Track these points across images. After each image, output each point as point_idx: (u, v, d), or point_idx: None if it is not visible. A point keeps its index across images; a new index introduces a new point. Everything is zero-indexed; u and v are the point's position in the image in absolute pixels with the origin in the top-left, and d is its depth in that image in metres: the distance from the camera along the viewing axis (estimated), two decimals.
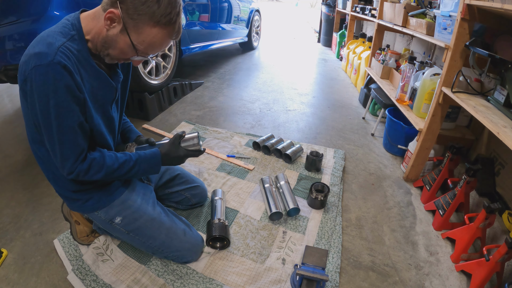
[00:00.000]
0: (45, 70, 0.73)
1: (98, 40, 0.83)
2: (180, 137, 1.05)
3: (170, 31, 0.85)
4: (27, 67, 0.75)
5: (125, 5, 0.78)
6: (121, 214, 1.03)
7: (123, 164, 0.93)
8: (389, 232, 1.40)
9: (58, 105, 0.77)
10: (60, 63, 0.74)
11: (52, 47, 0.75)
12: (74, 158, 0.84)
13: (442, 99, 1.45)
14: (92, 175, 0.89)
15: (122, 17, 0.79)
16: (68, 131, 0.81)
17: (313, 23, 8.62)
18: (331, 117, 2.59)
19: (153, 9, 0.78)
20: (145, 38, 0.83)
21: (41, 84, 0.74)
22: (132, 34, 0.81)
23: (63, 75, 0.75)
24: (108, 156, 0.91)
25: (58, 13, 1.57)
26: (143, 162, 0.97)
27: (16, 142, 1.93)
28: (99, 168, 0.89)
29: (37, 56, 0.74)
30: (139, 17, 0.79)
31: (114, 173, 0.92)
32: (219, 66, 3.92)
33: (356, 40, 3.79)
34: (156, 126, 2.21)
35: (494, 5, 1.08)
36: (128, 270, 1.11)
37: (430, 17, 1.82)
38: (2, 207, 1.39)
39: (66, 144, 0.82)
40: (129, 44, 0.83)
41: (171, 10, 0.81)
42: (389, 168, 1.90)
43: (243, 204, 1.48)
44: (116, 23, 0.80)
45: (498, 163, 1.48)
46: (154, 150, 1.01)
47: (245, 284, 1.10)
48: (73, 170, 0.86)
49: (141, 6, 0.78)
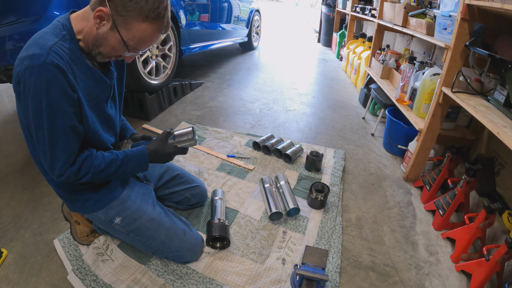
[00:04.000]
0: (37, 70, 0.74)
1: (89, 39, 0.84)
2: (168, 133, 1.03)
3: (159, 25, 0.86)
4: (20, 69, 0.75)
5: (114, 2, 0.79)
6: (120, 214, 1.03)
7: (110, 163, 0.92)
8: (389, 232, 1.40)
9: (50, 105, 0.77)
10: (52, 63, 0.74)
11: (44, 48, 0.75)
12: (64, 160, 0.83)
13: (442, 99, 1.45)
14: (81, 178, 0.88)
15: (111, 14, 0.79)
16: (59, 133, 0.80)
17: (313, 23, 8.62)
18: (331, 117, 2.59)
19: (141, 4, 0.79)
20: (135, 34, 0.83)
21: (33, 84, 0.74)
22: (122, 30, 0.82)
23: (56, 75, 0.75)
24: (96, 157, 0.90)
25: (58, 13, 1.57)
26: (130, 161, 0.96)
27: (16, 142, 1.93)
28: (87, 170, 0.88)
29: (30, 57, 0.74)
30: (128, 13, 0.80)
31: (101, 173, 0.91)
32: (219, 66, 3.92)
33: (356, 40, 3.79)
34: (156, 126, 2.21)
35: (494, 5, 1.08)
36: (128, 270, 1.11)
37: (430, 17, 1.82)
38: (2, 207, 1.39)
39: (57, 145, 0.81)
40: (120, 40, 0.83)
41: (159, 5, 0.82)
42: (389, 168, 1.90)
43: (243, 204, 1.48)
44: (106, 20, 0.81)
45: (498, 163, 1.48)
46: (141, 148, 1.00)
47: (245, 284, 1.10)
48: (63, 173, 0.85)
49: (129, 2, 0.79)
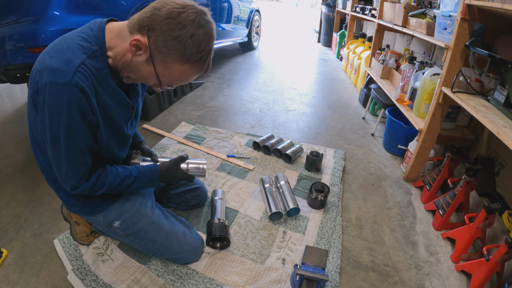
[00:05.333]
0: (60, 89, 0.69)
1: (120, 61, 0.79)
2: (183, 159, 1.08)
3: (200, 68, 0.79)
4: (41, 78, 0.70)
5: (154, 35, 0.72)
6: (119, 218, 1.03)
7: (123, 179, 0.93)
8: (389, 232, 1.40)
9: (69, 126, 0.74)
10: (77, 85, 0.70)
11: (70, 65, 0.70)
12: (79, 177, 0.83)
13: (442, 99, 1.45)
14: (96, 191, 0.89)
15: (149, 47, 0.73)
16: (76, 152, 0.79)
17: (313, 23, 8.62)
18: (331, 117, 2.59)
19: (185, 45, 0.72)
20: (172, 73, 0.78)
21: (54, 102, 0.70)
22: (158, 66, 0.76)
23: (79, 98, 0.71)
24: (110, 172, 0.91)
25: (58, 13, 1.57)
26: (143, 178, 0.98)
27: (16, 142, 1.93)
28: (102, 185, 0.89)
29: (54, 72, 0.69)
30: (168, 52, 0.73)
31: (115, 188, 0.92)
32: (219, 66, 3.92)
33: (356, 40, 3.78)
34: (156, 126, 2.21)
35: (494, 5, 1.08)
36: (128, 270, 1.11)
37: (430, 17, 1.82)
38: (2, 207, 1.39)
39: (73, 163, 0.80)
40: (154, 75, 0.78)
41: (204, 48, 0.75)
42: (389, 168, 1.90)
43: (243, 204, 1.48)
44: (143, 51, 0.75)
45: (498, 163, 1.48)
46: (154, 166, 1.02)
47: (245, 284, 1.10)
48: (77, 187, 0.84)
49: (172, 40, 0.72)
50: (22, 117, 2.29)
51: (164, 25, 0.71)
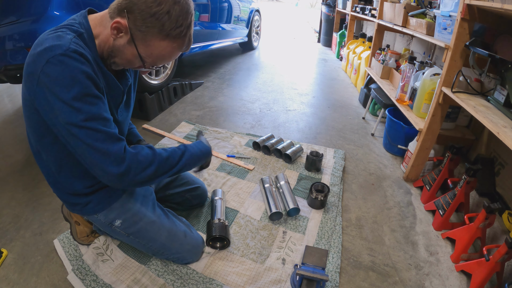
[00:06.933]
0: (60, 59, 0.67)
1: (104, 47, 0.80)
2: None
3: (180, 44, 0.81)
4: (37, 66, 0.68)
5: (133, 15, 0.74)
6: (120, 217, 1.02)
7: (172, 152, 0.88)
8: (389, 232, 1.40)
9: (81, 92, 0.70)
10: (76, 51, 0.69)
11: (64, 39, 0.69)
12: (117, 148, 0.74)
13: (442, 99, 1.45)
14: (146, 168, 0.79)
15: (129, 28, 0.75)
16: (98, 119, 0.72)
17: (313, 23, 8.62)
18: (331, 117, 2.59)
19: (163, 21, 0.74)
20: (153, 51, 0.79)
21: (58, 75, 0.67)
22: (139, 46, 0.78)
23: (82, 62, 0.70)
24: (150, 147, 0.85)
25: (58, 13, 1.57)
26: (194, 147, 0.96)
27: (16, 142, 1.93)
28: (151, 158, 0.80)
29: (49, 49, 0.67)
30: (148, 30, 0.75)
31: (166, 163, 0.85)
32: (219, 66, 3.92)
33: (356, 40, 3.79)
34: (156, 126, 2.21)
35: (494, 5, 1.08)
36: (128, 270, 1.11)
37: (430, 17, 1.82)
38: (2, 207, 1.39)
39: (100, 135, 0.72)
40: (136, 55, 0.79)
41: (182, 22, 0.76)
42: (389, 168, 1.90)
43: (243, 204, 1.48)
44: (123, 33, 0.76)
45: (498, 163, 1.48)
46: (198, 141, 1.03)
47: (245, 284, 1.10)
48: (122, 161, 0.74)
49: (150, 18, 0.73)
50: (22, 117, 2.28)
51: (141, 4, 0.73)
